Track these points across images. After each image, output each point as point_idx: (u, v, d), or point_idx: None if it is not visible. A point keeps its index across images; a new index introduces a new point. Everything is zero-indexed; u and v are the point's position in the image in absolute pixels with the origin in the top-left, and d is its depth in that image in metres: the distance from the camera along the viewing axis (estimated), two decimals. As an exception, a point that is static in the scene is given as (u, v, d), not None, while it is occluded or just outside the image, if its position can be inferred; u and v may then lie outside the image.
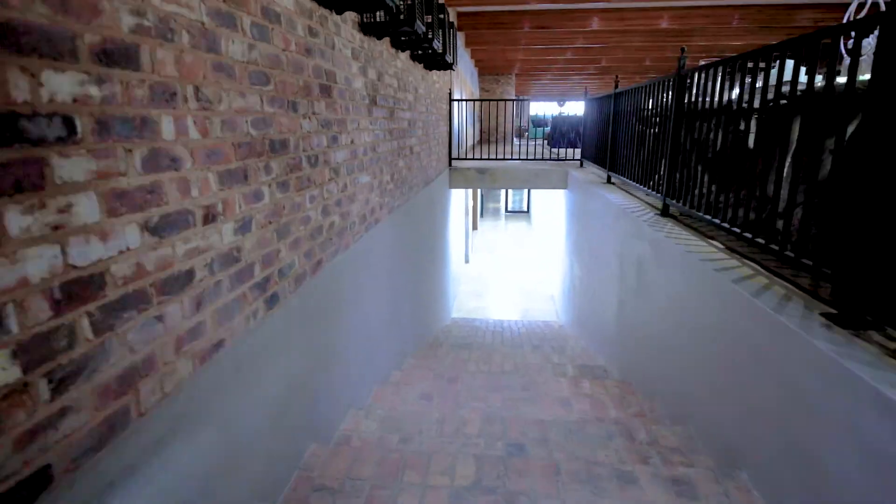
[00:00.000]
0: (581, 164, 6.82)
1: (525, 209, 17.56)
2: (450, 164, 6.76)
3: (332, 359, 2.24)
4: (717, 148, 2.59)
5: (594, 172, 5.99)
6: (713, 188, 2.63)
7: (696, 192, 2.92)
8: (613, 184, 4.95)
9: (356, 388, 2.64)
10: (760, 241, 2.04)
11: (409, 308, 4.26)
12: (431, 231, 5.47)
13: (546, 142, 11.71)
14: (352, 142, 2.47)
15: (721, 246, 2.48)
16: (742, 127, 2.46)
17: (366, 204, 2.76)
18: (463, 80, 9.74)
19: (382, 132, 3.11)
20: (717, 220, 2.41)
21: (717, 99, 2.63)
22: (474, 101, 6.65)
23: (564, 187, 6.69)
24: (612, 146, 4.88)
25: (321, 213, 2.08)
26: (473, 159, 7.16)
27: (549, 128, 12.15)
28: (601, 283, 4.42)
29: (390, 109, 3.32)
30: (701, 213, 2.63)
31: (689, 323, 2.36)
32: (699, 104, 2.83)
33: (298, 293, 1.85)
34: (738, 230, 2.23)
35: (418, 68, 4.39)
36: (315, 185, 2.01)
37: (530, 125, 15.95)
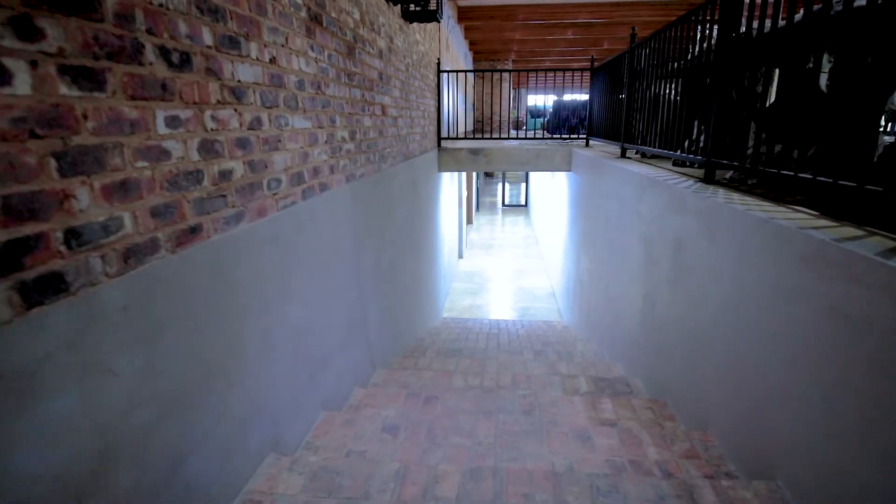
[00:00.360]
0: (587, 144, 6.04)
1: (523, 203, 16.74)
2: (439, 145, 5.96)
3: (223, 384, 1.45)
4: (800, 83, 1.80)
5: (604, 150, 5.21)
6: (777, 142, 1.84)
7: (764, 148, 2.13)
8: (629, 157, 4.17)
9: (283, 423, 1.84)
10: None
11: (384, 306, 3.46)
12: (415, 217, 4.66)
13: (545, 130, 10.94)
14: (271, 60, 1.68)
15: (814, 212, 1.70)
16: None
17: (303, 159, 1.96)
18: (455, 56, 8.95)
19: (335, 70, 2.32)
20: (810, 176, 1.63)
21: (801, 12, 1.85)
22: (465, 71, 5.85)
23: (568, 169, 5.91)
24: (627, 114, 4.11)
25: (199, 151, 1.29)
26: (466, 139, 6.36)
27: (547, 118, 11.36)
28: (619, 273, 3.63)
29: (348, 45, 2.52)
30: (772, 172, 1.84)
31: (773, 323, 1.57)
32: (765, 27, 2.04)
33: (131, 278, 1.05)
34: (852, 184, 1.45)
35: (393, 13, 3.59)
36: (182, 102, 1.21)
37: (528, 116, 15.21)
